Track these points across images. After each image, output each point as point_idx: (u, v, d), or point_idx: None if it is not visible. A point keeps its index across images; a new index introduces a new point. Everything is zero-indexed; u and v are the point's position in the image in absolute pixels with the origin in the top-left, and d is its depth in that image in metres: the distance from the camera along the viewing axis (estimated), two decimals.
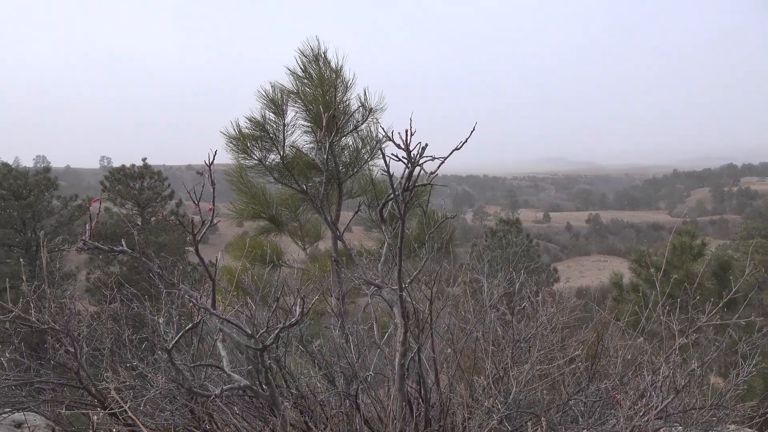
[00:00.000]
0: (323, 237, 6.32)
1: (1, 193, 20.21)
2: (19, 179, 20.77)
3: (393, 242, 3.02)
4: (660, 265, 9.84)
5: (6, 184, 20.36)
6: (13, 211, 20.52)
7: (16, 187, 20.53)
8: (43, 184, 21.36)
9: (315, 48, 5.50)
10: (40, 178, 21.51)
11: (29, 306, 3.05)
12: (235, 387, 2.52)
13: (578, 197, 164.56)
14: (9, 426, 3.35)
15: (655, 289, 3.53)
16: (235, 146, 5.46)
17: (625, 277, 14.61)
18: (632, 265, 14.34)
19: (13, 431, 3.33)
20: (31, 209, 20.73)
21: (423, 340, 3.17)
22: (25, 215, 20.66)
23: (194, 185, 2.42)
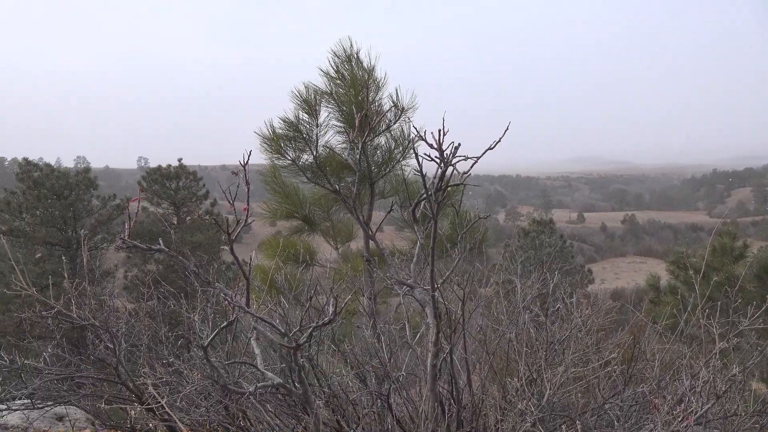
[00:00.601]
0: (355, 237, 6.34)
1: (44, 192, 20.82)
2: (60, 179, 21.37)
3: (425, 242, 3.01)
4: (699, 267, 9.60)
5: (48, 184, 20.97)
6: (55, 211, 21.12)
7: (58, 187, 21.13)
8: (84, 184, 21.92)
9: (347, 49, 5.52)
10: (81, 178, 22.08)
11: (71, 303, 3.14)
12: (269, 385, 2.55)
13: (613, 197, 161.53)
14: (51, 419, 3.45)
15: (695, 292, 3.44)
16: (269, 146, 5.52)
17: (663, 279, 14.28)
18: (670, 266, 14.00)
19: (55, 424, 3.43)
20: (72, 208, 21.31)
21: (455, 341, 3.15)
22: (66, 214, 21.25)
23: (229, 185, 2.45)
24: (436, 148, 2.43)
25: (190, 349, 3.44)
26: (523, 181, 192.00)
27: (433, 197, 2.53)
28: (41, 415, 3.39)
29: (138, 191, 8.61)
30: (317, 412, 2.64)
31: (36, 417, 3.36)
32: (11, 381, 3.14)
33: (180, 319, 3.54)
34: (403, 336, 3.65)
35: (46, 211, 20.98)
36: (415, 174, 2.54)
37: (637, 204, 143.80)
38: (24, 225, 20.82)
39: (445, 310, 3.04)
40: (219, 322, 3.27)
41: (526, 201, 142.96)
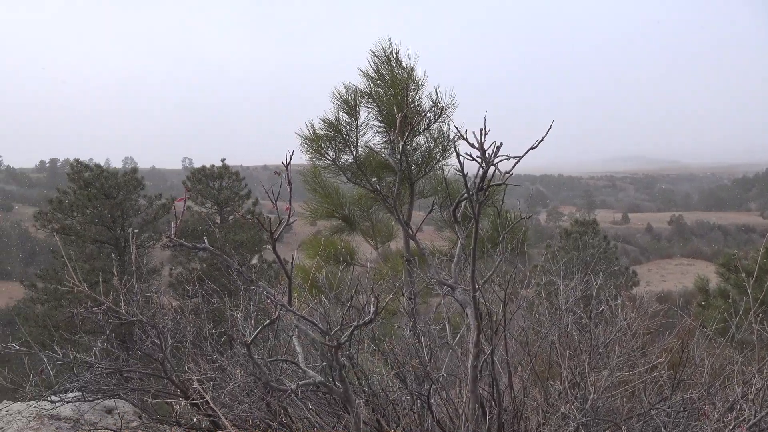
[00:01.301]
0: (395, 237, 6.35)
1: (94, 192, 21.52)
2: (109, 179, 22.05)
3: (466, 242, 2.99)
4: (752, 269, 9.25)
5: (98, 184, 21.66)
6: (104, 210, 21.80)
7: (107, 187, 21.80)
8: (131, 184, 22.57)
9: (387, 49, 5.53)
10: (128, 178, 22.74)
11: (119, 299, 3.24)
12: (310, 383, 2.57)
13: (659, 197, 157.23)
14: (101, 411, 3.56)
15: (747, 296, 3.31)
16: (309, 147, 5.58)
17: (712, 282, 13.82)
18: (720, 269, 13.54)
19: (104, 416, 3.54)
20: (120, 208, 21.96)
21: (496, 342, 3.12)
22: (115, 213, 21.90)
23: (271, 185, 2.48)
24: (478, 147, 2.41)
25: (233, 346, 3.50)
26: (566, 180, 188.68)
27: (475, 197, 2.51)
28: (91, 408, 3.50)
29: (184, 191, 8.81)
30: (358, 411, 2.66)
31: (87, 409, 3.47)
32: (64, 374, 3.25)
33: (223, 316, 3.61)
34: (444, 336, 3.64)
35: (95, 210, 21.68)
36: (456, 174, 2.52)
37: (684, 204, 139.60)
38: (75, 223, 21.57)
39: (486, 311, 3.01)
40: (261, 319, 3.32)
41: (568, 201, 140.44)
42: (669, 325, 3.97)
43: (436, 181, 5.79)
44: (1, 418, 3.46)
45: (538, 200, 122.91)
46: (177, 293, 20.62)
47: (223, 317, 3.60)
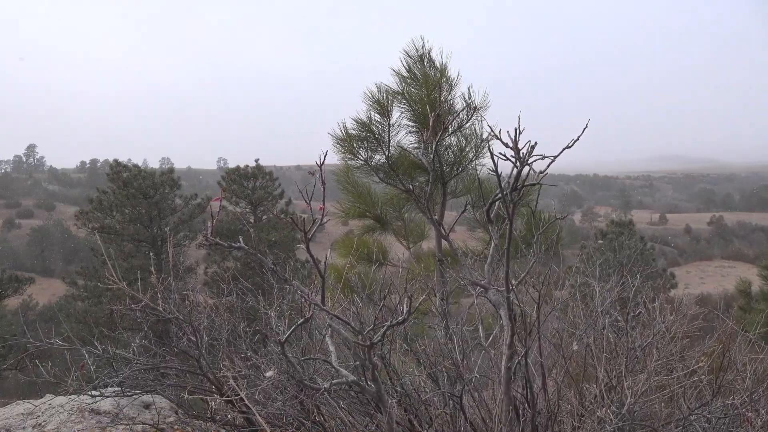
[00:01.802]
0: (427, 236, 6.34)
1: (132, 192, 22.04)
2: (147, 179, 22.56)
3: (500, 243, 2.97)
4: None
5: (136, 184, 22.18)
6: (142, 209, 22.31)
7: (145, 187, 22.31)
8: (168, 184, 23.05)
9: (419, 48, 5.53)
10: (165, 178, 23.23)
11: (157, 297, 3.30)
12: (343, 382, 2.58)
13: (699, 197, 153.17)
14: (139, 406, 3.63)
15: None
16: (342, 147, 5.61)
17: (754, 285, 13.42)
18: (762, 271, 13.14)
19: (142, 411, 3.61)
20: (157, 207, 22.45)
21: (530, 344, 3.09)
22: (152, 213, 22.39)
23: (305, 185, 2.50)
24: (512, 147, 2.39)
25: (267, 344, 3.53)
26: (601, 180, 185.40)
27: (509, 197, 2.49)
28: (130, 403, 3.58)
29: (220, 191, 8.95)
30: (390, 410, 2.66)
31: (125, 404, 3.55)
32: (104, 369, 3.33)
33: (257, 314, 3.65)
34: (476, 337, 3.61)
35: (133, 209, 22.20)
36: (490, 173, 2.50)
37: (725, 205, 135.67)
38: (114, 222, 22.12)
39: (520, 312, 2.98)
40: (294, 318, 3.35)
41: (604, 201, 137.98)
42: (709, 329, 3.87)
43: (469, 181, 5.76)
44: (45, 411, 3.56)
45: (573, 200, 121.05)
46: (212, 291, 20.97)
47: (257, 315, 3.64)
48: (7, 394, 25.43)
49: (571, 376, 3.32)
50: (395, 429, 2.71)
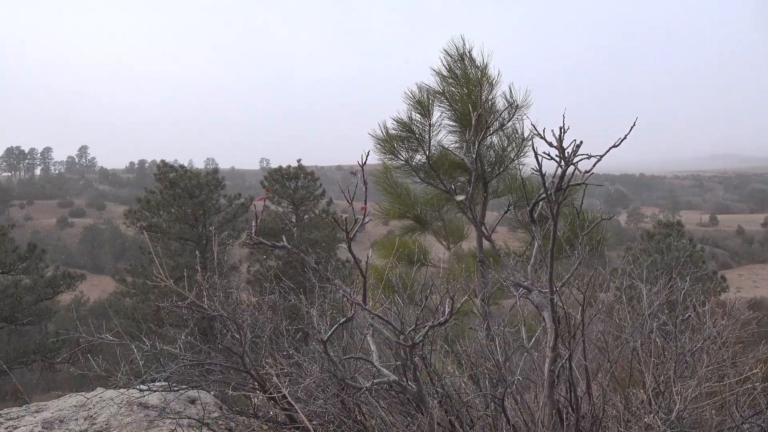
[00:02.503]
0: (467, 237, 6.30)
1: (178, 192, 22.58)
2: (192, 180, 23.08)
3: (543, 243, 2.92)
4: None
5: (182, 184, 22.72)
6: (187, 208, 22.84)
7: (190, 187, 22.83)
8: (212, 184, 23.53)
9: (460, 47, 5.49)
10: (210, 178, 23.72)
11: (202, 294, 3.38)
12: (385, 381, 2.59)
13: (752, 198, 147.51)
14: (185, 401, 3.72)
15: None
16: (382, 147, 5.62)
17: None
18: None
19: (188, 406, 3.69)
20: (202, 207, 22.94)
21: (574, 347, 3.03)
22: (197, 212, 22.90)
23: (347, 185, 2.52)
24: (556, 146, 2.35)
25: (309, 343, 3.57)
26: (648, 180, 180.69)
27: (553, 197, 2.45)
28: (176, 397, 3.67)
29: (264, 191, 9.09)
30: (432, 411, 2.65)
31: (172, 399, 3.64)
32: (151, 364, 3.42)
33: (299, 313, 3.68)
34: (518, 339, 3.56)
35: (179, 208, 22.75)
36: (533, 173, 2.47)
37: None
38: (161, 221, 22.71)
39: (564, 315, 2.93)
40: (336, 317, 3.37)
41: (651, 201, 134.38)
42: (763, 335, 3.72)
43: (510, 181, 5.70)
44: (96, 403, 3.68)
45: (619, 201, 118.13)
46: (255, 290, 21.32)
47: (299, 314, 3.68)
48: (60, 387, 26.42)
49: (617, 381, 3.25)
50: (436, 430, 2.70)
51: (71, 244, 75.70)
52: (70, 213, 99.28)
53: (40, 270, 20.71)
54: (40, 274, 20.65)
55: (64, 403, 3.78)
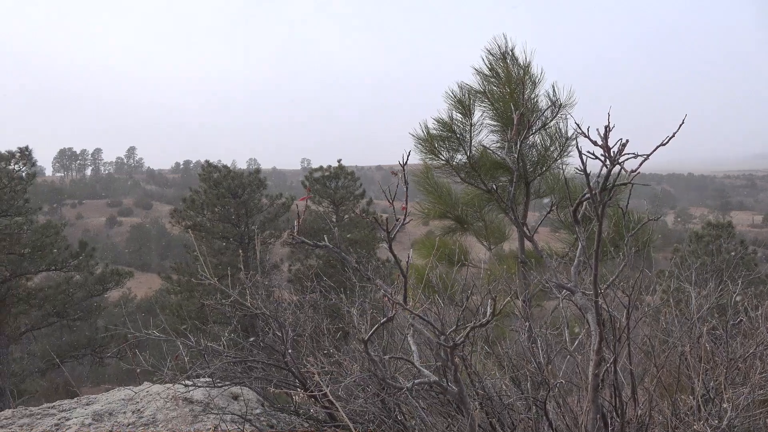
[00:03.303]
0: (509, 237, 6.23)
1: (222, 191, 23.03)
2: (235, 180, 23.51)
3: (587, 244, 2.87)
4: None
5: (225, 184, 23.16)
6: (230, 208, 23.27)
7: (233, 187, 23.26)
8: (255, 184, 23.91)
9: (502, 46, 5.44)
10: (252, 178, 24.11)
11: (245, 292, 3.44)
12: (425, 382, 2.58)
13: None
14: (227, 397, 3.79)
15: None
16: (423, 147, 5.61)
17: None
18: None
19: (231, 402, 3.76)
20: (245, 206, 23.34)
21: (619, 351, 2.96)
22: (240, 212, 23.31)
23: (388, 185, 2.52)
24: (601, 145, 2.30)
25: (349, 342, 3.59)
26: (696, 179, 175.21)
27: (598, 197, 2.40)
28: (220, 393, 3.74)
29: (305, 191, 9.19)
30: (473, 413, 2.63)
31: (216, 394, 3.72)
32: (196, 360, 3.50)
33: (339, 312, 3.71)
34: (560, 341, 3.51)
35: (223, 208, 23.20)
36: (577, 173, 2.42)
37: None
38: (205, 221, 23.20)
39: (609, 318, 2.86)
40: (376, 317, 3.38)
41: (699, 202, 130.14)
42: None
43: (553, 181, 5.61)
44: (143, 397, 3.78)
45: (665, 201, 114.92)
46: (295, 288, 21.57)
47: (340, 313, 3.71)
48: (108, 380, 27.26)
49: (664, 386, 3.16)
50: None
51: (119, 242, 78.05)
52: (119, 212, 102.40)
53: (91, 267, 21.40)
54: (90, 272, 21.34)
55: (113, 396, 3.90)
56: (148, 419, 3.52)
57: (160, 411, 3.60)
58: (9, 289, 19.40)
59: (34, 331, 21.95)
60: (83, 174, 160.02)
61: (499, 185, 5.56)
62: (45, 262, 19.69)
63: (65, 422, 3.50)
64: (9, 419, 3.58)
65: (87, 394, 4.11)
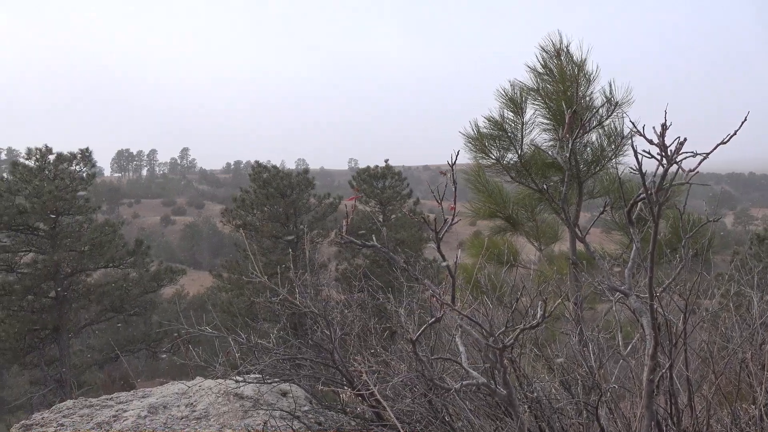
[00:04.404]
0: (560, 238, 6.11)
1: (271, 191, 23.44)
2: (284, 180, 23.89)
3: (643, 246, 2.78)
4: None
5: (275, 184, 23.57)
6: (279, 207, 23.66)
7: (282, 187, 23.64)
8: (303, 184, 24.24)
9: (556, 42, 5.34)
10: (301, 178, 24.45)
11: (294, 290, 3.48)
12: (474, 383, 2.56)
13: None
14: (277, 394, 3.85)
15: None
16: (473, 146, 5.57)
17: None
18: None
19: (280, 399, 3.82)
20: (293, 206, 23.68)
21: (675, 356, 2.86)
22: (288, 211, 23.67)
23: (437, 185, 2.51)
24: (657, 143, 2.23)
25: (396, 341, 3.59)
26: (758, 179, 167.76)
27: (654, 197, 2.32)
28: (269, 390, 3.80)
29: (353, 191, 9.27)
30: (522, 416, 2.59)
31: (265, 391, 3.78)
32: (246, 357, 3.57)
33: (387, 311, 3.72)
34: (613, 345, 3.42)
35: (272, 207, 23.61)
36: (632, 172, 2.35)
37: None
38: (255, 220, 23.65)
39: (664, 322, 2.77)
40: (423, 317, 3.37)
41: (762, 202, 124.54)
42: None
43: (608, 181, 5.47)
44: (196, 392, 3.89)
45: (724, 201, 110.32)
46: (343, 287, 21.72)
47: (387, 313, 3.71)
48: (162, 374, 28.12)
49: (723, 394, 3.04)
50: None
51: (173, 240, 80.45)
52: (173, 211, 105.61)
53: (146, 264, 22.15)
54: (145, 268, 22.09)
55: (167, 389, 4.02)
56: (201, 413, 3.61)
57: (212, 405, 3.69)
58: (70, 285, 20.28)
59: (93, 326, 22.88)
60: (139, 174, 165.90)
61: (551, 185, 5.46)
62: (103, 259, 20.49)
63: (123, 413, 3.62)
64: (70, 409, 3.74)
65: (142, 387, 4.26)
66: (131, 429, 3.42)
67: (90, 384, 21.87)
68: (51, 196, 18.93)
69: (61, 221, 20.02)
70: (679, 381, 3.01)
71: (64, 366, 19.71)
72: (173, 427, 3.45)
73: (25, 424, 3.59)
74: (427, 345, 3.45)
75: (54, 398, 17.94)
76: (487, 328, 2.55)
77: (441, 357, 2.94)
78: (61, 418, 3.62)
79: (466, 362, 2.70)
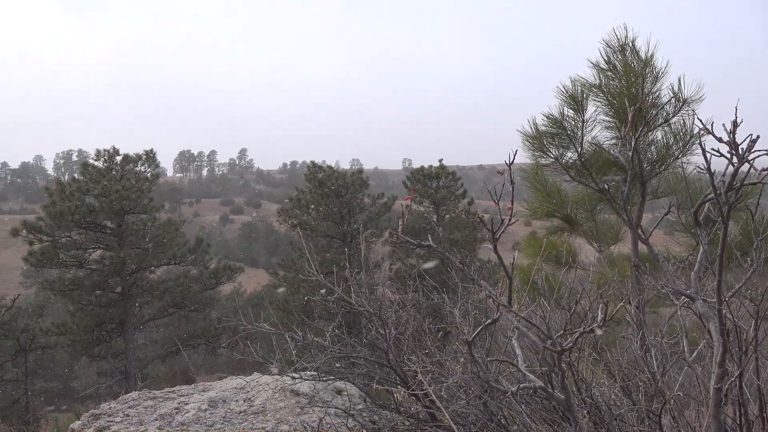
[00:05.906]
0: (621, 239, 5.93)
1: (326, 191, 23.72)
2: (339, 179, 24.13)
3: (710, 249, 2.66)
4: None
5: (329, 184, 23.83)
6: (334, 207, 23.91)
7: (337, 187, 23.88)
8: (357, 184, 24.40)
9: (622, 37, 5.16)
10: (355, 178, 24.62)
11: (349, 289, 3.51)
12: (531, 387, 2.51)
13: None
14: (332, 391, 3.89)
15: None
16: (531, 144, 5.47)
17: None
18: None
19: (335, 396, 3.86)
20: (348, 205, 23.88)
21: (745, 364, 2.73)
22: (343, 210, 23.88)
23: (494, 185, 2.48)
24: (727, 141, 2.12)
25: (451, 342, 3.56)
26: None
27: (723, 198, 2.22)
28: (324, 387, 3.85)
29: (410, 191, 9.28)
30: (580, 422, 2.53)
31: (320, 388, 3.83)
32: (302, 354, 3.63)
33: (441, 312, 3.70)
34: (677, 351, 3.29)
35: (327, 207, 23.87)
36: (699, 171, 2.25)
37: None
38: (310, 219, 23.99)
39: (734, 328, 2.64)
40: (478, 318, 3.34)
41: None
42: None
43: (673, 180, 5.27)
44: (253, 387, 3.97)
45: None
46: (396, 287, 21.75)
47: (441, 313, 3.69)
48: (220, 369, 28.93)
49: None
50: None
51: (231, 239, 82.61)
52: (231, 210, 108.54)
53: (206, 262, 22.81)
54: (205, 266, 22.74)
55: (226, 384, 4.13)
56: (258, 408, 3.69)
57: (269, 401, 3.76)
58: (135, 281, 21.13)
59: (155, 320, 23.74)
60: (200, 174, 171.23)
61: (612, 184, 5.30)
62: (166, 256, 21.24)
63: (184, 406, 3.74)
64: (135, 400, 3.89)
65: (202, 381, 4.38)
66: (192, 422, 3.52)
67: (153, 377, 22.74)
68: (118, 195, 19.76)
69: (126, 220, 20.87)
70: (749, 390, 2.87)
71: (129, 359, 20.54)
72: (232, 421, 3.54)
73: (94, 413, 3.76)
74: (482, 346, 3.41)
75: (119, 389, 18.77)
76: (544, 331, 2.50)
77: (497, 359, 2.90)
78: (127, 408, 3.77)
79: (523, 365, 2.65)
